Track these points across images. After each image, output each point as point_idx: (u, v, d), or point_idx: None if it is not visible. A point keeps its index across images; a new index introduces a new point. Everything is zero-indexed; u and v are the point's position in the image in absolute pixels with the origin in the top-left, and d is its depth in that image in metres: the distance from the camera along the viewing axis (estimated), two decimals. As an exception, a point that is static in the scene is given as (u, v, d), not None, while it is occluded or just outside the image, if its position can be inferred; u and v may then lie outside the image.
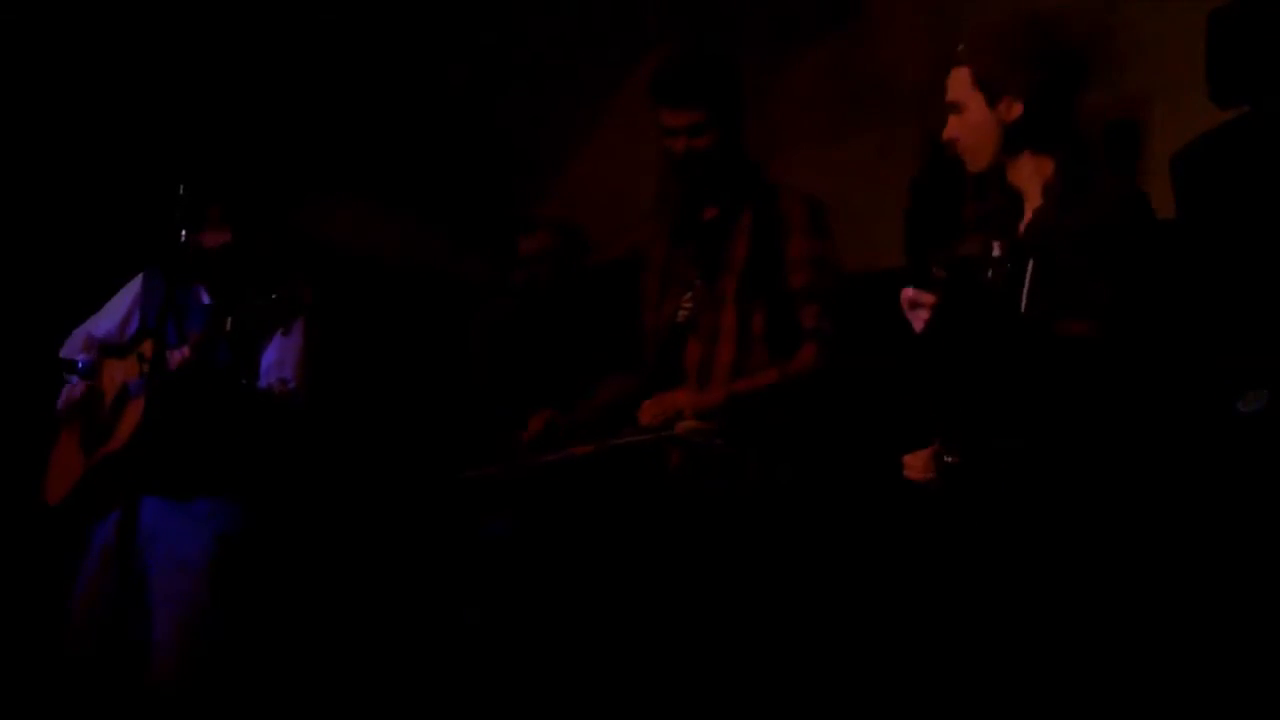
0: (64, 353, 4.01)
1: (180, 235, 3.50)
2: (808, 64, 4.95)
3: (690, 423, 3.47)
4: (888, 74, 4.77)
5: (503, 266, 4.79)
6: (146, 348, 3.63)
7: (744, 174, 3.73)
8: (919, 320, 2.85)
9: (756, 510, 3.48)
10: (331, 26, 5.26)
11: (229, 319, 3.60)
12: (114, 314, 4.02)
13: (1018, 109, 2.95)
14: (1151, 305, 2.84)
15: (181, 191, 3.50)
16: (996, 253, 2.97)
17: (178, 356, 3.65)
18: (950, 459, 2.96)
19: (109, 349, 3.96)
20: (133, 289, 4.01)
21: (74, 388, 3.94)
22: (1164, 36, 3.96)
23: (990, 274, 2.96)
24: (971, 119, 3.00)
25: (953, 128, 3.03)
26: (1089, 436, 2.83)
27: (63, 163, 4.84)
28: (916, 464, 3.02)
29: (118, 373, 3.88)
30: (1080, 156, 2.97)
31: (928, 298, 2.82)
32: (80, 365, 3.94)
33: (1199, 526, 3.19)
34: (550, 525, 3.65)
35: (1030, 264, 2.87)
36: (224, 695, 3.77)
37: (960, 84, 3.01)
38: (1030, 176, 3.00)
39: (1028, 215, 3.00)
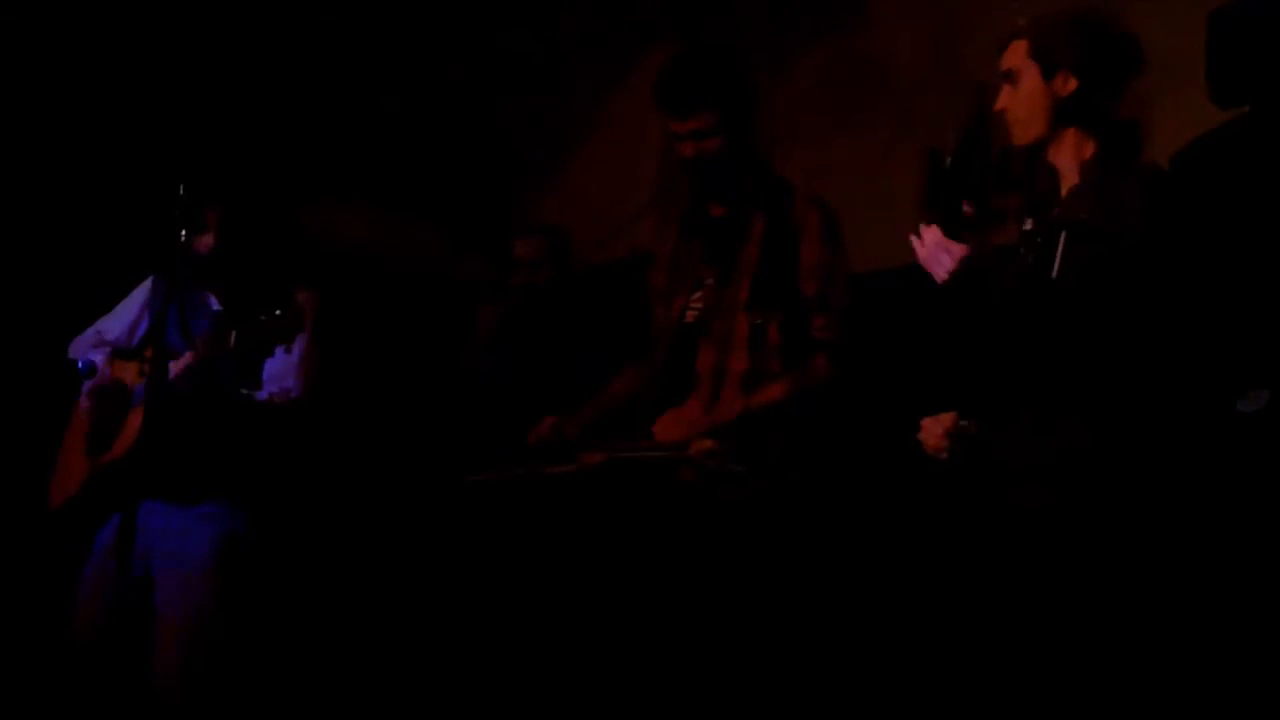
0: (71, 354, 4.02)
1: (180, 236, 3.50)
2: (808, 63, 4.95)
3: (706, 443, 3.45)
4: (888, 73, 4.77)
5: (502, 269, 4.80)
6: (149, 352, 3.62)
7: (755, 174, 3.71)
8: (942, 270, 2.84)
9: (768, 519, 3.46)
10: (331, 27, 5.26)
11: (233, 334, 3.59)
12: (123, 317, 4.01)
13: (1073, 84, 2.97)
14: (1160, 293, 2.85)
15: (181, 192, 3.50)
16: (1028, 227, 2.97)
17: (180, 364, 3.63)
18: (965, 424, 2.95)
19: (118, 352, 3.96)
20: (142, 292, 4.01)
21: (98, 382, 3.92)
22: (1164, 36, 3.95)
23: (1022, 249, 2.96)
24: (1025, 90, 3.01)
25: (1004, 98, 3.04)
26: (1107, 431, 2.84)
27: (68, 166, 4.84)
28: (935, 429, 3.01)
29: (125, 377, 3.88)
30: (1124, 142, 2.99)
31: (957, 248, 2.81)
32: (81, 366, 3.93)
33: (1199, 526, 3.19)
34: (559, 532, 3.63)
35: (1063, 237, 2.87)
36: (228, 697, 3.77)
37: (1017, 54, 3.03)
38: (1071, 156, 3.01)
39: (1063, 194, 3.01)
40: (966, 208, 2.84)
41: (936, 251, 2.87)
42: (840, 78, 4.86)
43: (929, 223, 2.90)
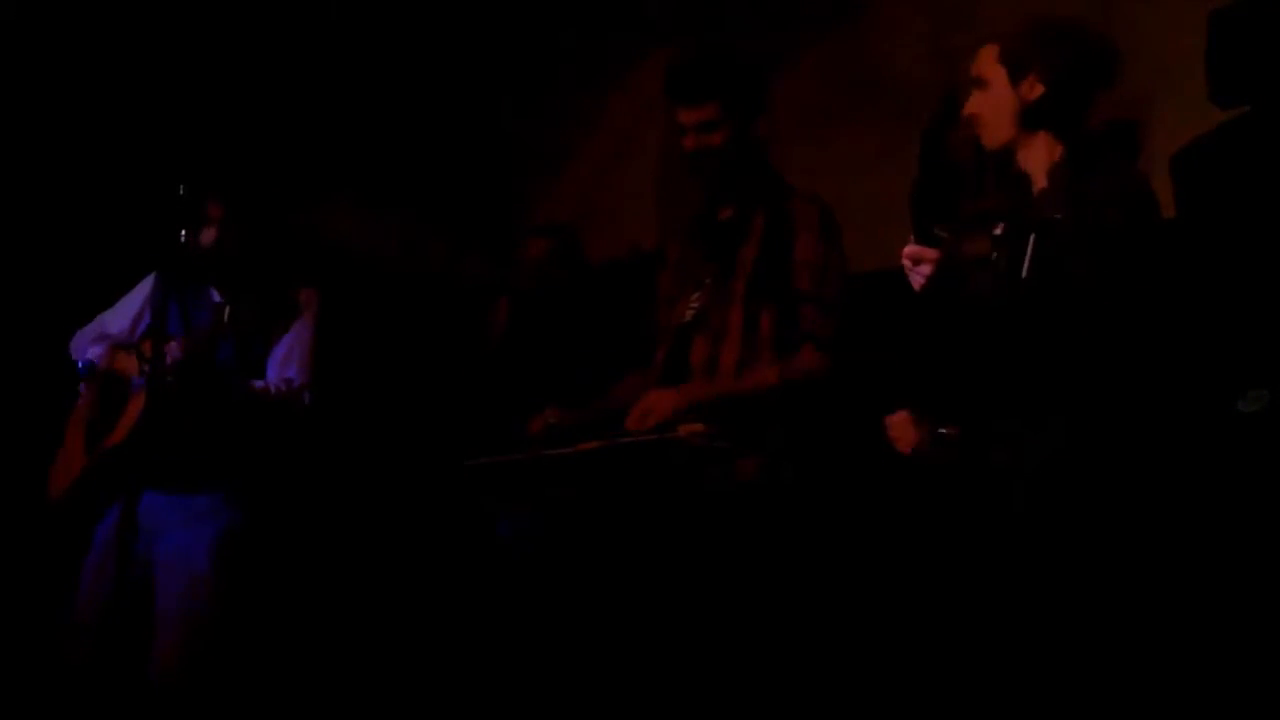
0: (72, 348, 4.03)
1: (180, 235, 3.51)
2: (807, 63, 4.95)
3: (693, 426, 3.47)
4: (888, 73, 4.77)
5: (504, 268, 4.81)
6: (147, 346, 3.64)
7: (758, 174, 3.72)
8: (919, 277, 2.87)
9: (757, 508, 3.48)
10: (332, 27, 5.26)
11: (227, 311, 3.60)
12: (126, 312, 4.04)
13: (1039, 89, 2.99)
14: (1143, 294, 2.85)
15: (181, 191, 3.51)
16: (998, 231, 2.99)
17: (172, 354, 3.64)
18: (946, 431, 2.96)
19: (120, 346, 3.97)
20: (144, 287, 4.03)
21: (83, 399, 3.93)
22: (1164, 36, 3.96)
23: (994, 254, 2.97)
24: (993, 94, 3.05)
25: (974, 103, 3.08)
26: (1089, 434, 2.84)
27: (70, 162, 4.85)
28: (900, 425, 3.03)
29: (126, 368, 3.89)
30: (1091, 148, 3.00)
31: (930, 253, 2.83)
32: (80, 367, 3.95)
33: (1199, 526, 3.20)
34: (554, 518, 3.65)
35: (1032, 239, 2.88)
36: (226, 691, 3.77)
37: (986, 60, 3.07)
38: (1040, 160, 3.04)
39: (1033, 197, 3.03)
40: (942, 233, 2.86)
41: (911, 260, 2.89)
42: (840, 78, 4.86)
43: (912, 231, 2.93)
